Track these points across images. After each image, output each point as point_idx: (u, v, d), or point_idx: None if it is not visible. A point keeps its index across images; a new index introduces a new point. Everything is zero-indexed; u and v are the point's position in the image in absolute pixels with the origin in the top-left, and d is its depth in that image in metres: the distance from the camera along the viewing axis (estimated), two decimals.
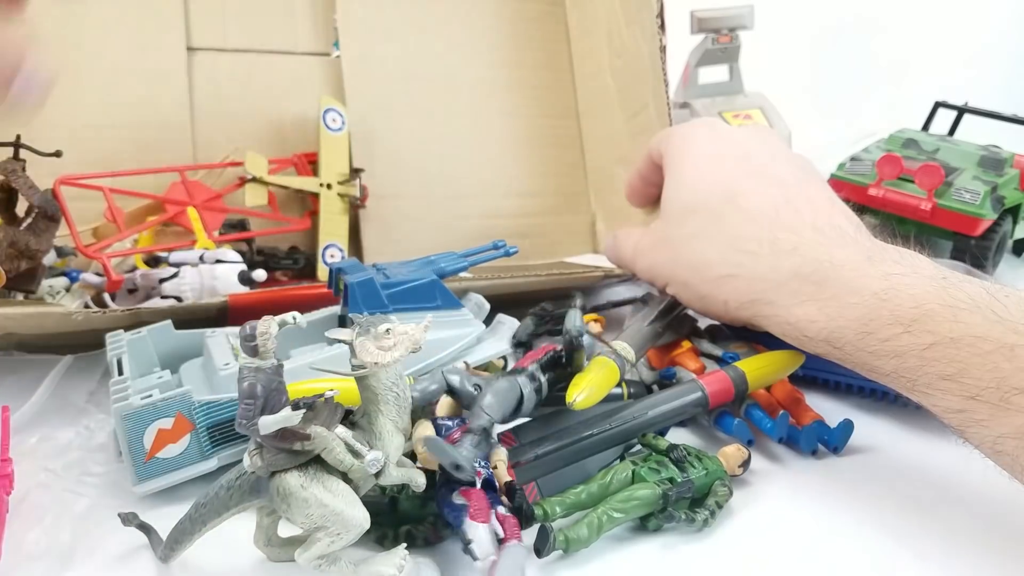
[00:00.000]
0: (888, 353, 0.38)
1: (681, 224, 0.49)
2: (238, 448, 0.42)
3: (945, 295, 0.37)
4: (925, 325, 0.36)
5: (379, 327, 0.33)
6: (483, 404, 0.38)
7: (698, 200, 0.48)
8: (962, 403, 0.35)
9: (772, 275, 0.43)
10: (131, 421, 0.39)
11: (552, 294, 0.59)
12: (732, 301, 0.46)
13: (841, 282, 0.40)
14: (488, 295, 0.51)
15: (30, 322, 0.48)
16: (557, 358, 0.42)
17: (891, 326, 0.38)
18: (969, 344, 0.35)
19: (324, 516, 0.32)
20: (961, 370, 0.35)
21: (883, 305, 0.38)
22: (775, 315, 0.43)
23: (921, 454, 0.46)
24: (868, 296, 0.39)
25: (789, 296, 0.42)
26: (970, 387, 0.35)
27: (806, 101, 0.99)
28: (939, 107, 0.72)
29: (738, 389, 0.45)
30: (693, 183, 0.49)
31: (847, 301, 0.40)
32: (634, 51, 0.64)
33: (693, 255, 0.48)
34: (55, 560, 0.36)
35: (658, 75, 0.60)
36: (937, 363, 0.36)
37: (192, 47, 0.60)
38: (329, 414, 0.33)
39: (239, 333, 0.31)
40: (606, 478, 0.39)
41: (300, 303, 0.49)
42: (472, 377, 0.40)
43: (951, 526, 0.39)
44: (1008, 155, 0.64)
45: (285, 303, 0.52)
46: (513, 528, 0.34)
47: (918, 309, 0.37)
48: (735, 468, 0.42)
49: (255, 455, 0.32)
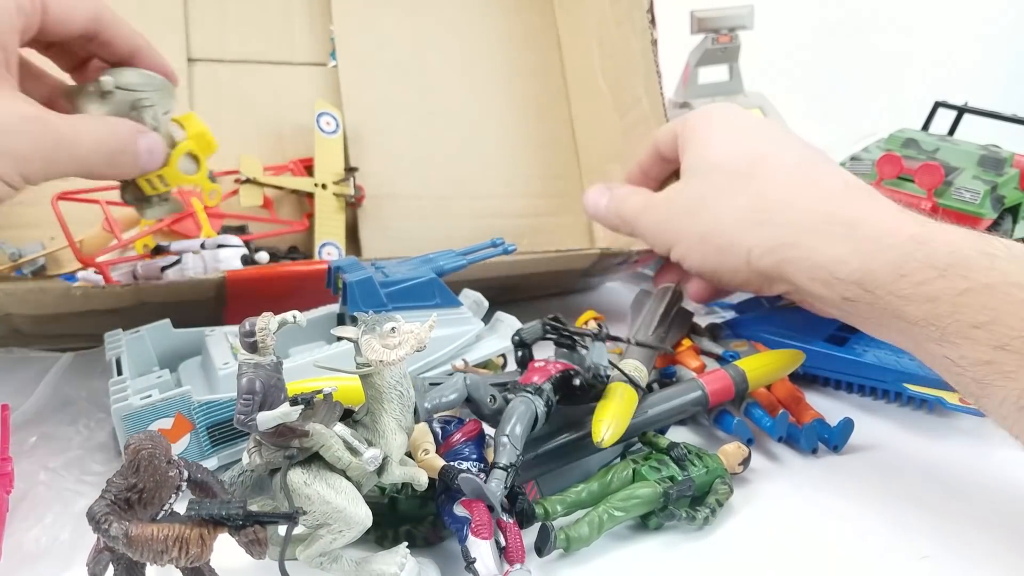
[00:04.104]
0: (921, 297, 0.37)
1: (706, 179, 0.49)
2: (238, 447, 0.42)
3: (982, 242, 0.37)
4: (960, 270, 0.36)
5: (384, 325, 0.33)
6: (514, 434, 0.36)
7: (725, 159, 0.48)
8: (990, 353, 0.35)
9: (804, 218, 0.43)
10: (131, 421, 0.39)
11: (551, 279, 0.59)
12: (757, 248, 0.45)
13: (876, 225, 0.40)
14: (484, 281, 0.51)
15: (30, 298, 0.48)
16: (570, 380, 0.40)
17: (926, 269, 0.37)
18: (1004, 291, 0.35)
19: (326, 513, 0.32)
20: (993, 318, 0.35)
21: (919, 248, 0.38)
22: (804, 258, 0.42)
23: (921, 452, 0.46)
24: (904, 239, 0.39)
25: (820, 238, 0.42)
26: (1001, 335, 0.34)
27: (806, 101, 0.99)
28: (939, 107, 0.72)
29: (738, 388, 0.45)
30: (719, 144, 0.49)
31: (883, 243, 0.39)
32: (625, 49, 0.64)
33: (717, 207, 0.47)
34: (55, 559, 0.36)
35: (651, 68, 0.61)
36: (969, 309, 0.35)
37: (192, 58, 0.61)
38: (328, 411, 0.33)
39: (238, 330, 0.31)
40: (607, 476, 0.39)
41: (298, 279, 0.49)
42: (489, 387, 0.40)
43: (951, 524, 0.39)
44: (1008, 155, 0.64)
45: (282, 279, 0.52)
46: (517, 551, 0.34)
47: (954, 254, 0.37)
48: (735, 466, 0.42)
49: (254, 452, 0.32)
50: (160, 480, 0.29)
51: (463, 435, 0.39)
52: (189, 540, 0.28)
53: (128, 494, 0.29)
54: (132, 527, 0.28)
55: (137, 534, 0.28)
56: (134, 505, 0.29)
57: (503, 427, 0.37)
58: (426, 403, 0.37)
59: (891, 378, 0.49)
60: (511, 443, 0.36)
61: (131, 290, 0.48)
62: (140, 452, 0.29)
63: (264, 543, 0.29)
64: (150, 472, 0.29)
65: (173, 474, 0.30)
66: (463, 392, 0.39)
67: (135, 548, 0.28)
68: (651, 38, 0.61)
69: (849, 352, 0.51)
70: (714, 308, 0.65)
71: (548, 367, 0.40)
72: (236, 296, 0.51)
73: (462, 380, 0.39)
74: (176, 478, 0.30)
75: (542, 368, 0.40)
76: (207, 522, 0.29)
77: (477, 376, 0.40)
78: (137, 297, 0.49)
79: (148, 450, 0.29)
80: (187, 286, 0.50)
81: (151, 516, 0.30)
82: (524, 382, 0.39)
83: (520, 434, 0.36)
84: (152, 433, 0.30)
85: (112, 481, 0.29)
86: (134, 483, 0.29)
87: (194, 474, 0.31)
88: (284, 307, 0.52)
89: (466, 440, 0.38)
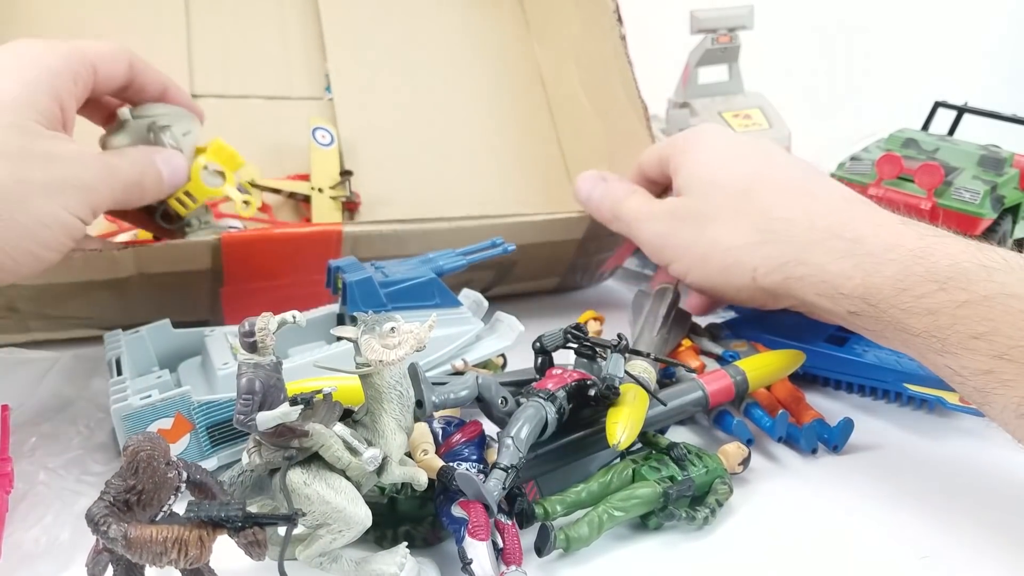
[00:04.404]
0: (922, 310, 0.38)
1: (705, 198, 0.49)
2: (237, 447, 0.42)
3: (980, 255, 0.38)
4: (959, 283, 0.37)
5: (384, 325, 0.33)
6: (519, 437, 0.36)
7: (722, 178, 0.49)
8: (990, 363, 0.36)
9: (807, 236, 0.44)
10: (130, 421, 0.39)
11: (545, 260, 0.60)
12: (762, 267, 0.45)
13: (878, 240, 0.41)
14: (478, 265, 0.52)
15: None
16: (586, 390, 0.40)
17: (926, 283, 0.38)
18: (1002, 303, 0.35)
19: (326, 513, 0.32)
20: (992, 328, 0.35)
21: (919, 262, 0.39)
22: (809, 275, 0.43)
23: (921, 452, 0.46)
24: (904, 253, 0.40)
25: (824, 254, 0.43)
26: (1000, 345, 0.35)
27: (806, 101, 0.99)
28: (939, 107, 0.71)
29: (738, 388, 0.45)
30: (716, 163, 0.50)
31: (884, 258, 0.40)
32: (600, 59, 0.67)
33: (718, 227, 0.47)
34: (55, 559, 0.36)
35: (623, 63, 0.64)
36: (969, 321, 0.36)
37: (195, 94, 0.63)
38: (327, 411, 0.33)
39: (238, 330, 0.31)
40: (606, 476, 0.39)
41: (295, 241, 0.50)
42: (501, 388, 0.39)
43: (951, 523, 0.39)
44: (1008, 155, 0.64)
45: (279, 242, 0.52)
46: (515, 553, 0.34)
47: (954, 267, 0.38)
48: (735, 466, 0.42)
49: (253, 452, 0.32)
50: (159, 481, 0.29)
51: (463, 436, 0.39)
52: (188, 542, 0.28)
53: (127, 496, 0.29)
54: (131, 529, 0.28)
55: (136, 536, 0.28)
56: (133, 507, 0.29)
57: (509, 428, 0.37)
58: (434, 397, 0.37)
59: (891, 378, 0.49)
60: (515, 445, 0.36)
61: (130, 254, 0.49)
62: (139, 454, 0.29)
63: (263, 545, 0.29)
64: (149, 474, 0.29)
65: (172, 475, 0.30)
66: (474, 391, 0.38)
67: (134, 550, 0.28)
68: (619, 34, 0.64)
69: (849, 352, 0.51)
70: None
71: (565, 375, 0.40)
72: (233, 263, 0.51)
73: (474, 379, 0.39)
74: (175, 479, 0.30)
75: (559, 376, 0.40)
76: (206, 524, 0.29)
77: (489, 376, 0.39)
78: (136, 264, 0.49)
79: (147, 452, 0.29)
80: (185, 248, 0.50)
81: (150, 517, 0.30)
82: (539, 388, 0.39)
83: (525, 437, 0.36)
84: (151, 434, 0.30)
85: (111, 483, 0.29)
86: (133, 485, 0.29)
87: (193, 475, 0.31)
88: (281, 274, 0.52)
89: (466, 441, 0.38)
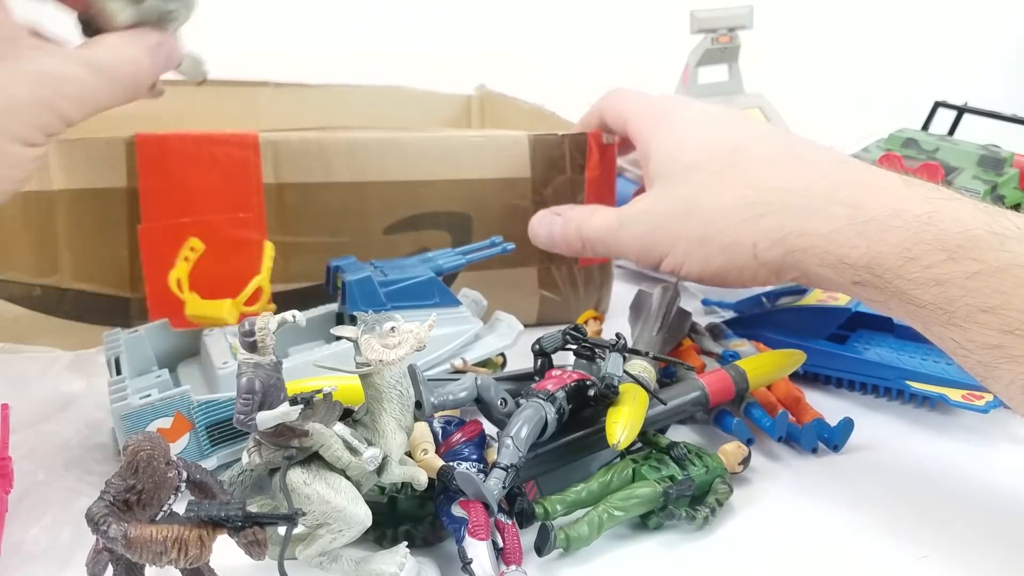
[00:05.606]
0: (929, 281, 0.36)
1: (685, 181, 0.46)
2: (237, 447, 0.42)
3: (992, 221, 0.35)
4: (970, 252, 0.35)
5: (384, 325, 0.33)
6: (519, 436, 0.36)
7: (700, 156, 0.46)
8: (1000, 338, 0.34)
9: (806, 204, 0.41)
10: (130, 421, 0.39)
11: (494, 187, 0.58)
12: (762, 242, 0.42)
13: (880, 204, 0.38)
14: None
15: None
16: (585, 391, 0.40)
17: (935, 252, 0.36)
18: (1016, 275, 0.34)
19: (326, 513, 0.32)
20: (1004, 302, 0.34)
21: (926, 229, 0.36)
22: (812, 245, 0.40)
23: (921, 451, 0.46)
24: (911, 219, 0.37)
25: (826, 222, 0.40)
26: (1010, 320, 0.33)
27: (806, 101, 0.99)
28: (939, 107, 0.72)
29: (738, 388, 0.45)
30: (691, 142, 0.47)
31: (889, 224, 0.37)
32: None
33: (709, 208, 0.44)
34: (55, 559, 0.36)
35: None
36: (979, 293, 0.34)
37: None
38: (327, 411, 0.33)
39: (238, 329, 0.31)
40: (606, 476, 0.39)
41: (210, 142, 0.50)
42: (500, 389, 0.39)
43: (951, 523, 0.39)
44: (1008, 155, 0.64)
45: (193, 142, 0.51)
46: (515, 553, 0.34)
47: (964, 235, 0.35)
48: (735, 466, 0.41)
49: (253, 452, 0.32)
50: (159, 481, 0.29)
51: (463, 435, 0.39)
52: (188, 541, 0.28)
53: (127, 495, 0.29)
54: (131, 528, 0.28)
55: (136, 535, 0.28)
56: (133, 506, 0.29)
57: (509, 428, 0.36)
58: (433, 398, 0.37)
59: (893, 375, 0.49)
60: (515, 445, 0.36)
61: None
62: (138, 453, 0.29)
63: (264, 544, 0.29)
64: (149, 473, 0.29)
65: (172, 475, 0.30)
66: (473, 392, 0.38)
67: (134, 549, 0.28)
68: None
69: (850, 350, 0.51)
70: (714, 308, 0.65)
71: (564, 376, 0.40)
72: (147, 171, 0.50)
73: (473, 380, 0.39)
74: (175, 479, 0.30)
75: (558, 377, 0.40)
76: (206, 523, 0.29)
77: (488, 377, 0.39)
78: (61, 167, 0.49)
79: (147, 451, 0.29)
80: (102, 146, 0.50)
81: (150, 517, 0.30)
82: (538, 388, 0.39)
83: (525, 437, 0.36)
84: (151, 434, 0.30)
85: (111, 482, 0.29)
86: (133, 484, 0.29)
87: (193, 475, 0.31)
88: (200, 203, 0.51)
89: (466, 440, 0.38)
